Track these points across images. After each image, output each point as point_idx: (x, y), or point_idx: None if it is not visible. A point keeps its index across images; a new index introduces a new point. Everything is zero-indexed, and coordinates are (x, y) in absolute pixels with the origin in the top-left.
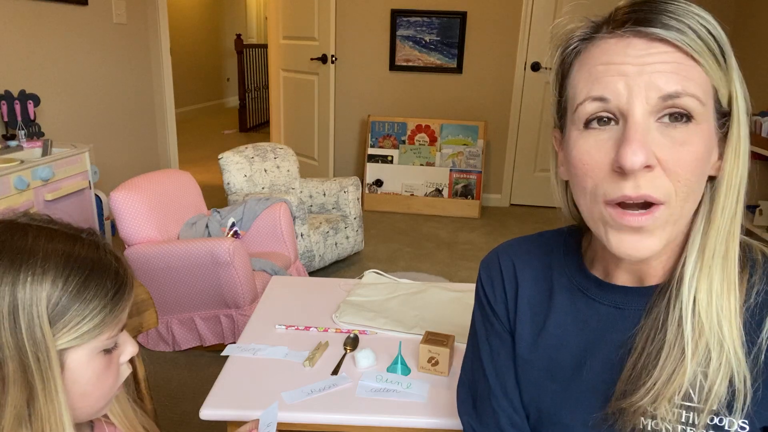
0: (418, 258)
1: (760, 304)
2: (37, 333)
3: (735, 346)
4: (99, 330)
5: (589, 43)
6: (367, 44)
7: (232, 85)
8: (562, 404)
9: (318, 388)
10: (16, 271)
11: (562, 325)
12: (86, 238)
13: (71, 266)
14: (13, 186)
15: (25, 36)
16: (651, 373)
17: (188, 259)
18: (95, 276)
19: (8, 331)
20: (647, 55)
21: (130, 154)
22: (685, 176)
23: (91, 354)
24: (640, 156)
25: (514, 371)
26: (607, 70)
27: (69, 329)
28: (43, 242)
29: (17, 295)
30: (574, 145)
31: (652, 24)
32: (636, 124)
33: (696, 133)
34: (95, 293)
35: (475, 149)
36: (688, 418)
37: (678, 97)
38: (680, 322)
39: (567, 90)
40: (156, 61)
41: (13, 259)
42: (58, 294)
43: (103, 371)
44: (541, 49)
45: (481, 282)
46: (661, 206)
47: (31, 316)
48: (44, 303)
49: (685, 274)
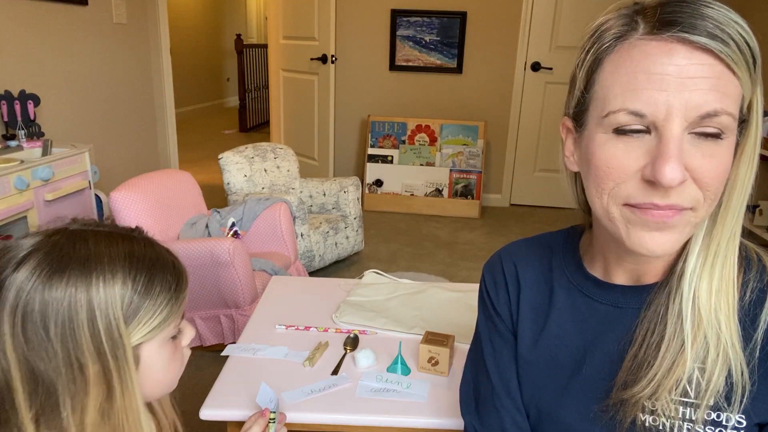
0: (418, 258)
1: (755, 302)
2: (115, 334)
3: (732, 338)
4: (167, 321)
5: (625, 42)
6: (367, 44)
7: (232, 85)
8: (562, 402)
9: (318, 388)
10: (88, 279)
11: (562, 325)
12: (139, 237)
13: (136, 266)
14: (13, 186)
15: (25, 36)
16: (651, 364)
17: (188, 259)
18: (158, 272)
19: (89, 336)
20: (689, 65)
21: (130, 154)
22: (714, 186)
23: (161, 344)
24: (678, 173)
25: (516, 371)
26: (648, 81)
27: (142, 325)
28: (104, 247)
29: (93, 302)
30: (599, 146)
31: (697, 31)
32: (674, 139)
33: (726, 147)
34: (161, 288)
35: (475, 149)
36: (684, 413)
37: (716, 115)
38: (680, 316)
39: (595, 87)
40: (156, 61)
41: (83, 267)
42: (130, 294)
43: (172, 357)
44: (541, 49)
45: (484, 284)
46: (689, 210)
47: (109, 319)
48: (119, 305)
49: (686, 270)
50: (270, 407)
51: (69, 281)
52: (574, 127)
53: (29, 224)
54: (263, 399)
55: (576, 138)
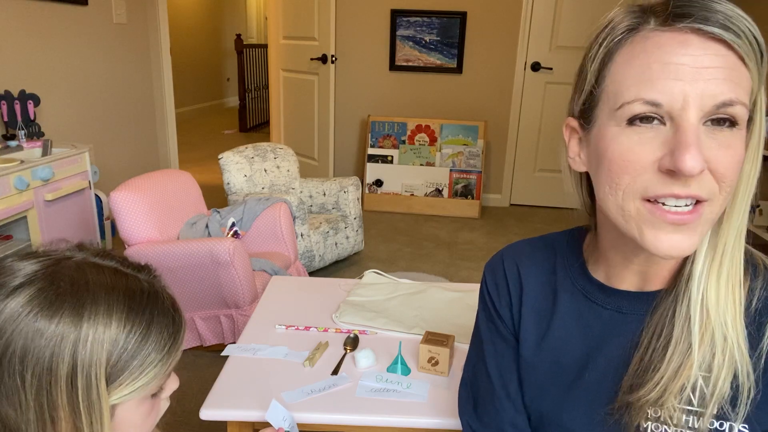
0: (418, 258)
1: (761, 310)
2: (93, 396)
3: (739, 339)
4: (151, 382)
5: (638, 34)
6: (367, 44)
7: (232, 85)
8: (564, 407)
9: (318, 388)
10: (78, 327)
11: (566, 329)
12: (144, 280)
13: (132, 319)
14: (13, 186)
15: (25, 36)
16: (658, 367)
17: (188, 259)
18: (155, 327)
19: (65, 394)
20: (704, 56)
21: (130, 154)
22: (729, 177)
23: (140, 401)
24: (699, 161)
25: (518, 373)
26: (663, 71)
27: (124, 386)
28: (103, 291)
29: (77, 357)
30: (613, 140)
31: (711, 23)
32: (692, 128)
33: (739, 138)
34: (153, 347)
35: (475, 149)
36: (688, 421)
37: (731, 105)
38: (688, 318)
39: (606, 81)
40: (156, 61)
41: (75, 313)
42: (118, 352)
43: (148, 413)
44: (541, 49)
45: (486, 285)
46: (705, 203)
47: (89, 380)
48: (104, 364)
49: (694, 272)
50: (285, 426)
51: (58, 326)
52: (580, 126)
53: (29, 224)
54: (275, 417)
55: (582, 137)
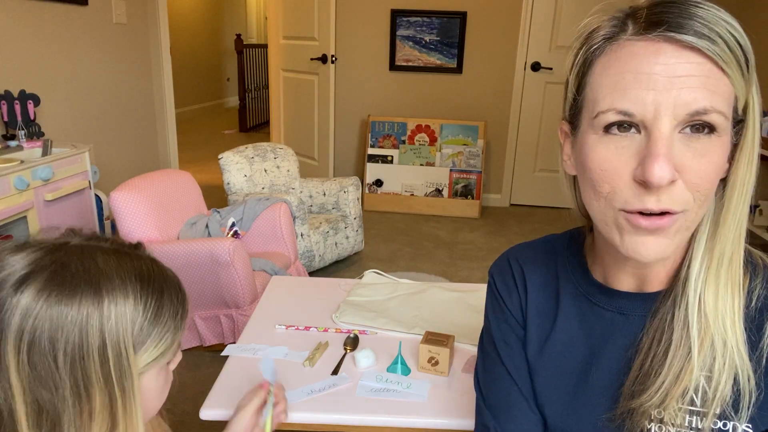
0: (418, 258)
1: (760, 309)
2: (124, 363)
3: (738, 344)
4: (170, 348)
5: (614, 43)
6: (367, 44)
7: (232, 85)
8: (568, 411)
9: (318, 388)
10: (100, 302)
11: (569, 332)
12: (143, 255)
13: (147, 289)
14: (13, 186)
15: (25, 36)
16: (659, 372)
17: (188, 259)
18: (167, 295)
19: (98, 365)
20: (677, 64)
21: (130, 154)
22: (704, 186)
23: (159, 371)
24: (667, 172)
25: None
26: (635, 81)
27: (148, 353)
28: (113, 267)
29: (104, 327)
30: (592, 149)
31: (684, 30)
32: (663, 138)
33: (717, 145)
34: (169, 314)
35: (475, 149)
36: (691, 422)
37: (706, 113)
38: (686, 323)
39: (586, 89)
40: (156, 61)
41: (94, 290)
42: (141, 320)
43: (165, 383)
44: (541, 49)
45: (495, 287)
46: (680, 214)
47: (119, 347)
48: (129, 331)
49: (690, 275)
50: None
51: (81, 304)
52: (570, 131)
53: (29, 224)
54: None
55: (572, 141)
